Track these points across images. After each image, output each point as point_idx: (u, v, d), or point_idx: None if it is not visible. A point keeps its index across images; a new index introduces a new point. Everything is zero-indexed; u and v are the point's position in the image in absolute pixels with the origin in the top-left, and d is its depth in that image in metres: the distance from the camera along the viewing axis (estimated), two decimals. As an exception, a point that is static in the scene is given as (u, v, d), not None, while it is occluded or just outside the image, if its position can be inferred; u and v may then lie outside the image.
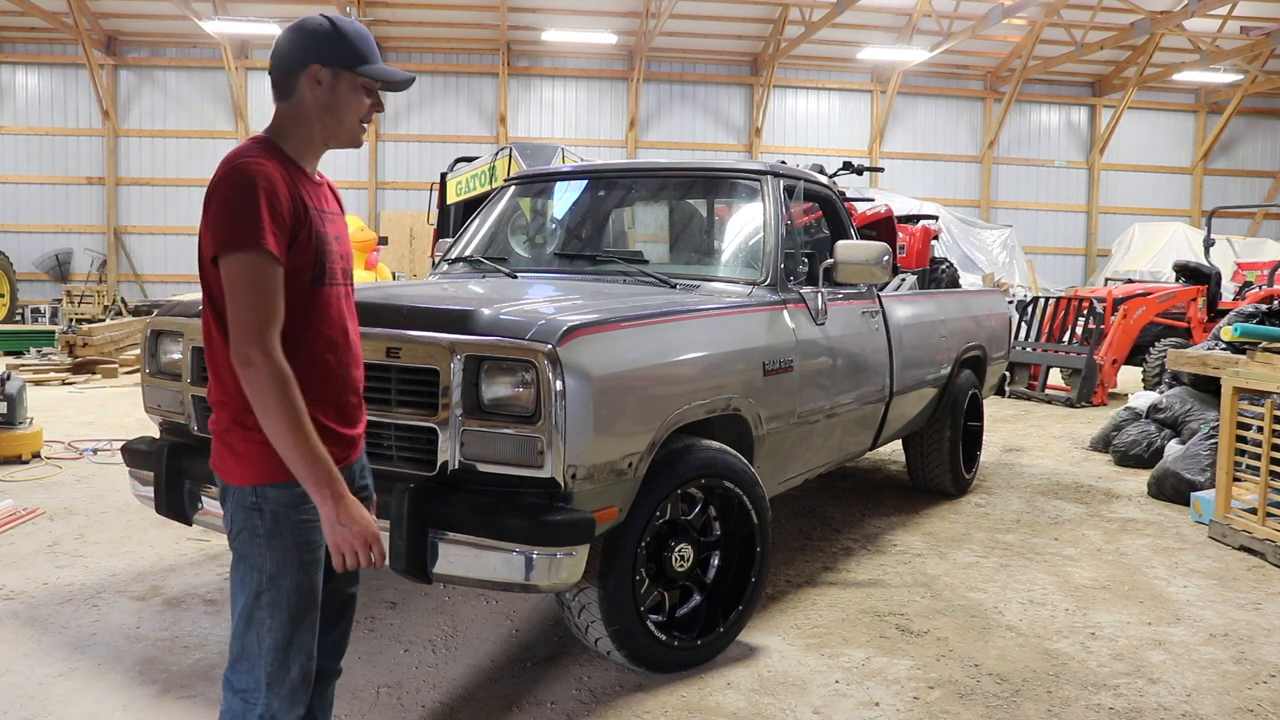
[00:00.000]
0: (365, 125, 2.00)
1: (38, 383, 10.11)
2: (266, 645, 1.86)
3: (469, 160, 10.51)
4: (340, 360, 1.96)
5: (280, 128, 1.94)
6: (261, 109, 19.83)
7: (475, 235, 4.45)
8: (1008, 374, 10.03)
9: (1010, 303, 10.16)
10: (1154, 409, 6.79)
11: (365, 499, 2.11)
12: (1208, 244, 12.01)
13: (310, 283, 1.88)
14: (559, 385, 2.57)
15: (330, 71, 1.91)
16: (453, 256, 4.36)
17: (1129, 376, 11.12)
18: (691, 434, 3.15)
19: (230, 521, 1.91)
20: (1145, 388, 9.38)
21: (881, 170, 9.92)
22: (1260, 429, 4.60)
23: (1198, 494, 5.24)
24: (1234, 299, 11.18)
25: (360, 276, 12.44)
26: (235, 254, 1.76)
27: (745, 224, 4.08)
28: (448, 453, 2.68)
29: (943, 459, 5.51)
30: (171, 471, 3.16)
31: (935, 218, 10.15)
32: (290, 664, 1.88)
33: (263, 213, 1.77)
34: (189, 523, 3.21)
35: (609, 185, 4.53)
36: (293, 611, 1.88)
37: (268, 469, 1.85)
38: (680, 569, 3.08)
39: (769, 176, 4.07)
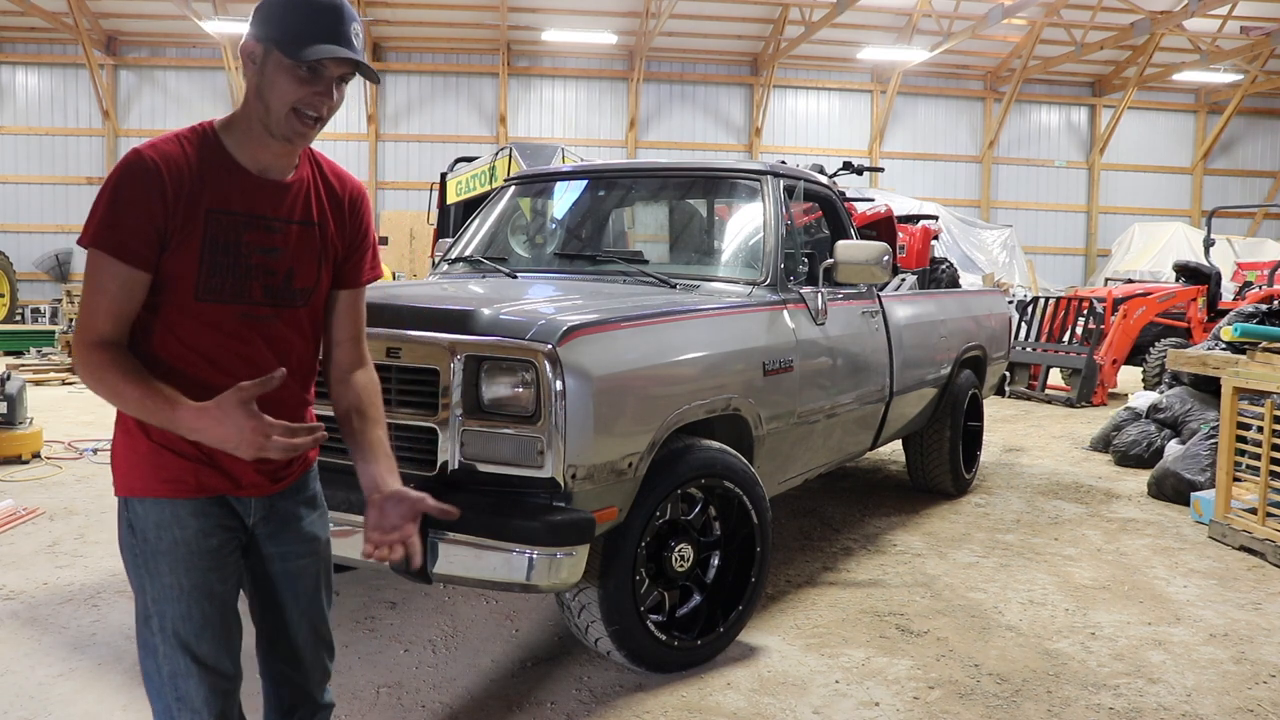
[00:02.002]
0: (306, 119, 1.63)
1: (38, 383, 10.11)
2: (165, 673, 1.66)
3: (469, 160, 10.51)
4: (212, 383, 1.63)
5: (233, 113, 1.70)
6: (261, 109, 19.83)
7: (475, 235, 4.45)
8: (1008, 374, 10.03)
9: (1010, 303, 10.16)
10: (1154, 409, 6.79)
11: (310, 544, 1.84)
12: (1208, 244, 12.01)
13: (191, 298, 1.61)
14: (559, 385, 2.57)
15: (262, 47, 1.62)
16: (453, 256, 4.36)
17: (1129, 376, 11.12)
18: (691, 434, 3.15)
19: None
20: (1145, 388, 9.38)
21: (881, 170, 9.92)
22: (1260, 429, 4.60)
23: (1198, 494, 5.24)
24: (1234, 299, 11.18)
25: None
26: (88, 250, 1.58)
27: (745, 224, 4.08)
28: (448, 453, 2.68)
29: (943, 459, 5.51)
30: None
31: (935, 218, 10.15)
32: (193, 691, 1.66)
33: (121, 206, 1.56)
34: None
35: (609, 185, 4.53)
36: (181, 640, 1.65)
37: (132, 480, 1.65)
38: (680, 569, 3.08)
39: (769, 176, 4.07)
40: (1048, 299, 10.86)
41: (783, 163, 4.52)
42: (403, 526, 1.74)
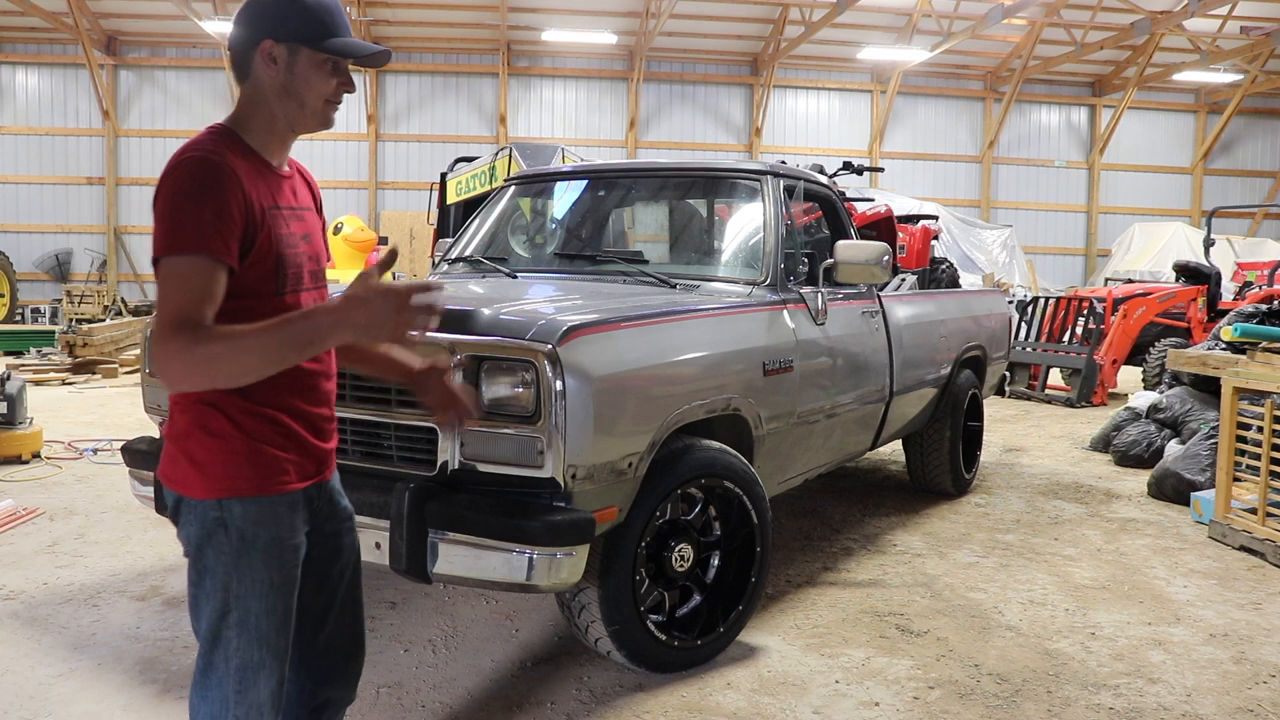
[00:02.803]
0: (335, 105, 1.77)
1: (38, 383, 10.11)
2: (234, 665, 1.70)
3: (469, 160, 10.51)
4: (305, 371, 1.75)
5: (240, 114, 1.73)
6: (261, 109, 19.84)
7: (475, 235, 4.45)
8: (1008, 374, 10.03)
9: (1010, 303, 10.16)
10: (1154, 409, 6.79)
11: (348, 522, 1.94)
12: (1208, 244, 12.01)
13: (273, 293, 1.69)
14: (559, 385, 2.57)
15: (286, 48, 1.69)
16: (453, 256, 4.36)
17: (1129, 376, 11.12)
18: (691, 434, 3.15)
19: (188, 538, 1.72)
20: (1145, 388, 9.37)
21: (881, 170, 9.93)
22: (1260, 429, 4.60)
23: (1198, 494, 5.24)
24: (1234, 299, 11.18)
25: (360, 276, 12.41)
26: (173, 257, 1.57)
27: (745, 224, 4.08)
28: (448, 453, 2.68)
29: (943, 459, 5.51)
30: (171, 471, 3.15)
31: (935, 218, 10.16)
32: (260, 685, 1.72)
33: (205, 211, 1.57)
34: (189, 523, 3.20)
35: (609, 185, 4.53)
36: (262, 634, 1.71)
37: (233, 481, 1.68)
38: (680, 569, 3.08)
39: (769, 176, 4.07)
40: (1048, 299, 10.86)
41: (783, 163, 4.52)
42: (451, 394, 1.94)
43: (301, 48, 1.69)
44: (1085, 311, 10.17)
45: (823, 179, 4.53)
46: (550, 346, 2.59)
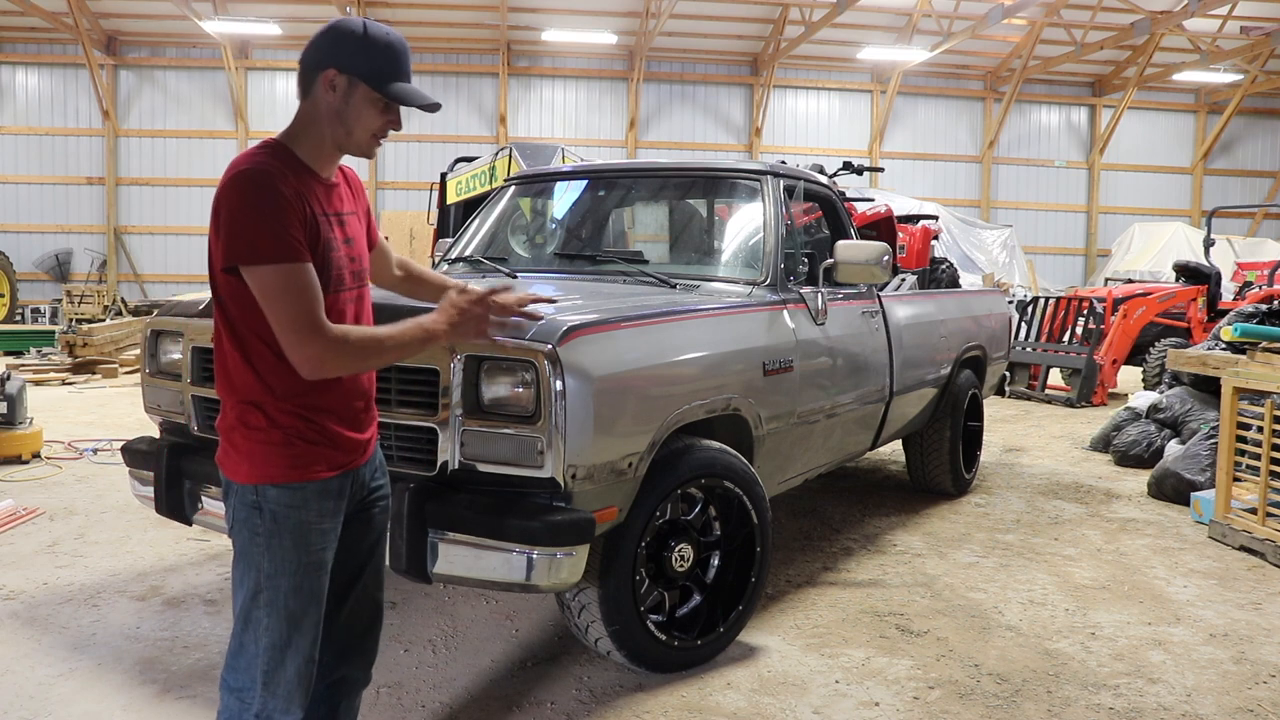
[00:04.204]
0: (379, 140, 1.94)
1: (38, 383, 10.11)
2: (263, 644, 1.85)
3: (469, 160, 10.51)
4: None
5: (296, 128, 1.90)
6: (261, 109, 19.85)
7: (475, 235, 4.45)
8: (1008, 374, 10.03)
9: (1010, 303, 10.16)
10: (1154, 409, 6.79)
11: (381, 502, 2.11)
12: (1208, 244, 12.01)
13: (325, 289, 1.85)
14: (559, 385, 2.57)
15: (346, 79, 1.85)
16: (453, 256, 4.36)
17: (1129, 376, 11.12)
18: (691, 434, 3.15)
19: (231, 518, 1.90)
20: (1145, 388, 9.38)
21: (881, 170, 9.92)
22: (1260, 429, 4.60)
23: (1198, 494, 5.24)
24: (1234, 299, 11.18)
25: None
26: (263, 265, 1.74)
27: (745, 224, 4.08)
28: (448, 453, 2.68)
29: (943, 459, 5.51)
30: (171, 471, 3.16)
31: (935, 218, 10.16)
32: (287, 664, 1.86)
33: (284, 218, 1.75)
34: (189, 523, 3.21)
35: (609, 185, 4.53)
36: (290, 612, 1.85)
37: (268, 468, 1.85)
38: (680, 569, 3.08)
39: (769, 176, 4.07)
40: (1048, 299, 10.86)
41: (783, 163, 4.51)
42: (503, 305, 2.04)
43: (360, 83, 1.85)
44: (1085, 311, 10.17)
45: (823, 179, 4.53)
46: (550, 346, 2.59)
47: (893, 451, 6.76)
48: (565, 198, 4.66)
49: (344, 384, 1.93)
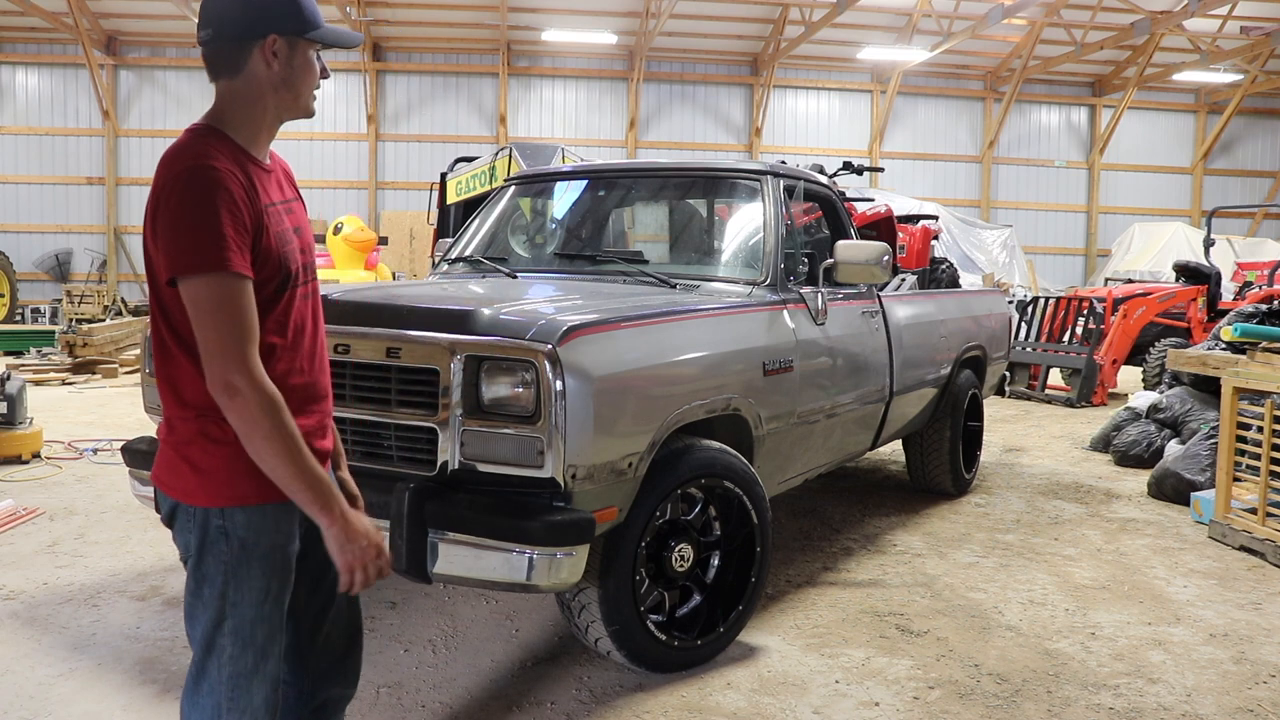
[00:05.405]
0: (317, 91, 1.79)
1: (38, 383, 10.11)
2: (227, 674, 1.70)
3: (469, 160, 10.50)
4: (302, 366, 1.77)
5: (226, 111, 1.70)
6: (261, 109, 19.82)
7: (475, 235, 4.45)
8: (1008, 374, 10.02)
9: (1010, 303, 10.15)
10: (1154, 409, 6.79)
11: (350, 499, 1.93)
12: (1208, 244, 12.01)
13: (275, 291, 1.69)
14: (559, 385, 2.57)
15: (286, 42, 1.69)
16: (453, 256, 4.36)
17: (1129, 376, 11.12)
18: (691, 434, 3.15)
19: (186, 545, 1.70)
20: (1145, 388, 9.37)
21: (881, 170, 9.93)
22: (1260, 429, 4.60)
23: (1198, 494, 5.24)
24: (1234, 299, 11.18)
25: (360, 277, 12.42)
26: (198, 276, 1.55)
27: (745, 224, 4.08)
28: (448, 453, 2.68)
29: (943, 459, 5.51)
30: (171, 471, 3.15)
31: (935, 218, 10.15)
32: (253, 692, 1.72)
33: (224, 227, 1.56)
34: (189, 523, 3.20)
35: (609, 185, 4.53)
36: (256, 642, 1.71)
37: (236, 489, 1.66)
38: (680, 569, 3.08)
39: (769, 176, 4.07)
40: (1048, 299, 10.86)
41: (783, 163, 4.52)
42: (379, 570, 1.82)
43: (299, 40, 1.71)
44: (1085, 311, 10.17)
45: (823, 179, 4.53)
46: (550, 346, 2.59)
47: (893, 451, 6.76)
48: (565, 198, 4.66)
49: (301, 387, 1.76)
